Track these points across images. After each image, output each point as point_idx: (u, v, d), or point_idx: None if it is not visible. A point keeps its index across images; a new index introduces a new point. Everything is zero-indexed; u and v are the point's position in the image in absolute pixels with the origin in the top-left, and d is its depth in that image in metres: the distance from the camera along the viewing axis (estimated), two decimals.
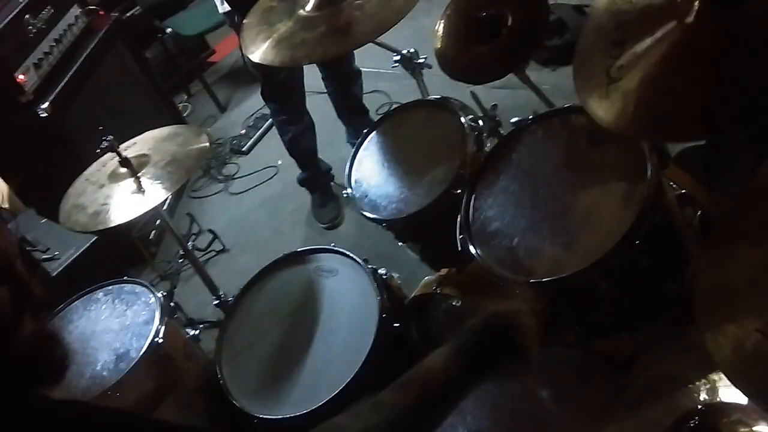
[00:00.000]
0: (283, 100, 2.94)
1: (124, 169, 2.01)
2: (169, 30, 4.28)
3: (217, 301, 2.20)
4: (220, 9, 3.14)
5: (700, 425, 0.96)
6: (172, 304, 2.11)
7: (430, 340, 1.95)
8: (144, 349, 1.86)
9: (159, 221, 3.02)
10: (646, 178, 1.36)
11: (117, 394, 1.77)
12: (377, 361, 1.65)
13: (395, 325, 1.75)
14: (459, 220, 1.59)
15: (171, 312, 2.02)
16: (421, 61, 2.14)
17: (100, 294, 2.10)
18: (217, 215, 3.52)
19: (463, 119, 1.84)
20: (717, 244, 0.96)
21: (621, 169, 1.44)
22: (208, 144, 2.08)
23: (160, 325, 1.91)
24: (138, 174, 1.99)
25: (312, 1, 1.85)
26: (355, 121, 3.15)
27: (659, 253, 1.44)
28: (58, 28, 3.12)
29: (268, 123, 3.91)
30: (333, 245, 1.96)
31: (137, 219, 1.93)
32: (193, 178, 3.66)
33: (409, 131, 2.01)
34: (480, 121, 1.87)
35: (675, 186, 1.54)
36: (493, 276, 1.48)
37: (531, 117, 1.67)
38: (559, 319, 1.61)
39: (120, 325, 1.98)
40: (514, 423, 1.30)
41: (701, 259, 0.95)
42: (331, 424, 1.01)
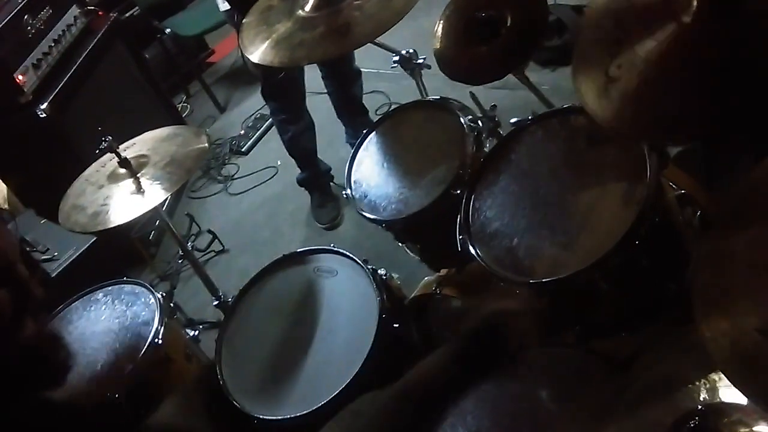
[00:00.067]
0: (283, 99, 2.94)
1: (123, 170, 2.01)
2: (168, 30, 4.28)
3: (216, 302, 2.20)
4: (221, 7, 3.15)
5: (700, 425, 0.95)
6: (172, 305, 2.10)
7: (430, 341, 1.96)
8: (144, 349, 1.85)
9: (158, 222, 3.02)
10: (645, 178, 1.36)
11: (116, 396, 1.77)
12: (377, 361, 1.65)
13: (395, 325, 1.75)
14: (458, 220, 1.59)
15: (171, 312, 2.02)
16: (420, 61, 2.14)
17: (99, 294, 2.10)
18: (217, 216, 3.52)
19: (462, 120, 1.84)
20: (715, 242, 0.96)
21: (621, 169, 1.44)
22: (207, 144, 2.07)
23: (160, 325, 1.90)
24: (137, 174, 1.99)
25: (311, 1, 1.85)
26: (355, 121, 3.15)
27: (659, 253, 1.43)
28: (57, 29, 3.12)
29: (267, 123, 3.92)
30: (332, 246, 1.96)
31: (137, 219, 1.93)
32: (192, 178, 3.67)
33: (408, 132, 2.00)
34: (479, 122, 1.87)
35: (675, 186, 1.54)
36: (492, 276, 1.48)
37: (530, 117, 1.67)
38: (559, 319, 1.62)
39: (120, 325, 1.97)
40: (515, 423, 1.30)
41: (698, 258, 0.95)
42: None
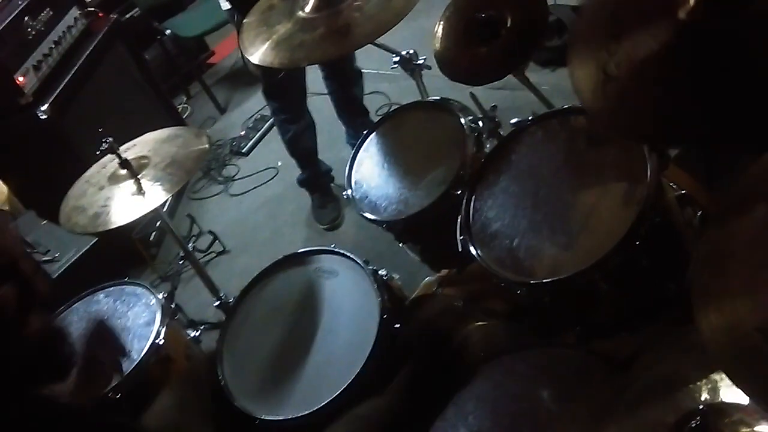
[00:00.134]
0: (284, 99, 2.93)
1: (124, 171, 2.01)
2: (168, 31, 4.28)
3: (217, 303, 2.20)
4: (223, 6, 3.15)
5: (701, 425, 0.95)
6: (173, 306, 2.10)
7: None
8: (145, 350, 1.85)
9: (159, 223, 3.01)
10: (646, 178, 1.36)
11: (117, 396, 1.78)
12: (378, 362, 1.66)
13: (396, 326, 1.75)
14: (459, 221, 1.59)
15: (172, 313, 2.02)
16: (420, 62, 2.14)
17: (101, 295, 2.10)
18: (218, 216, 3.52)
19: (462, 120, 1.84)
20: (714, 241, 0.96)
21: (621, 169, 1.44)
22: (207, 145, 2.08)
23: (161, 326, 1.91)
24: (138, 176, 1.99)
25: (311, 2, 1.85)
26: (356, 121, 3.15)
27: (659, 253, 1.44)
28: (57, 30, 3.12)
29: (267, 124, 3.92)
30: (333, 246, 1.96)
31: (137, 221, 1.93)
32: (193, 179, 3.67)
33: (408, 132, 2.01)
34: (480, 122, 1.87)
35: (675, 186, 1.54)
36: (493, 277, 1.48)
37: (530, 118, 1.67)
38: (559, 320, 1.62)
39: (121, 326, 1.97)
40: (515, 423, 1.30)
41: (697, 258, 0.95)
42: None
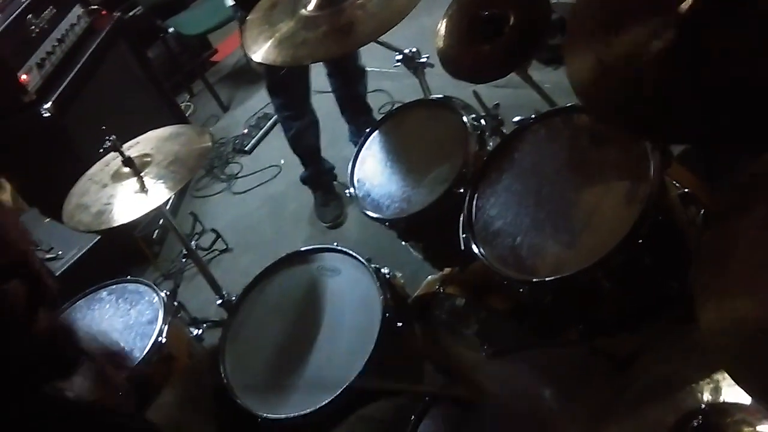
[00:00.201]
0: (288, 95, 2.93)
1: (127, 169, 2.01)
2: (171, 29, 4.28)
3: (220, 301, 2.20)
4: (227, 1, 3.14)
5: (703, 425, 0.95)
6: (176, 304, 2.11)
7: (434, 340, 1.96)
8: (147, 348, 1.86)
9: (162, 221, 3.03)
10: (648, 176, 1.36)
11: (120, 393, 1.78)
12: (380, 360, 1.66)
13: (398, 324, 1.75)
14: (462, 219, 1.59)
15: (174, 311, 2.03)
16: (423, 60, 2.14)
17: (103, 293, 2.11)
18: (220, 214, 3.52)
19: (465, 118, 1.84)
20: (716, 239, 0.96)
21: (623, 167, 1.44)
22: (210, 143, 2.08)
23: (164, 324, 1.91)
24: (141, 173, 1.99)
25: (314, 0, 1.85)
26: (359, 119, 3.14)
27: (662, 251, 1.43)
28: (60, 28, 3.12)
29: (270, 122, 3.92)
30: (336, 244, 1.96)
31: (140, 218, 1.93)
32: (195, 177, 3.67)
33: (411, 130, 2.01)
34: (482, 120, 1.87)
35: (678, 185, 1.54)
36: (495, 275, 1.48)
37: (533, 116, 1.67)
38: (561, 318, 1.62)
39: (124, 324, 1.98)
40: (517, 421, 1.30)
41: (699, 256, 0.95)
42: None
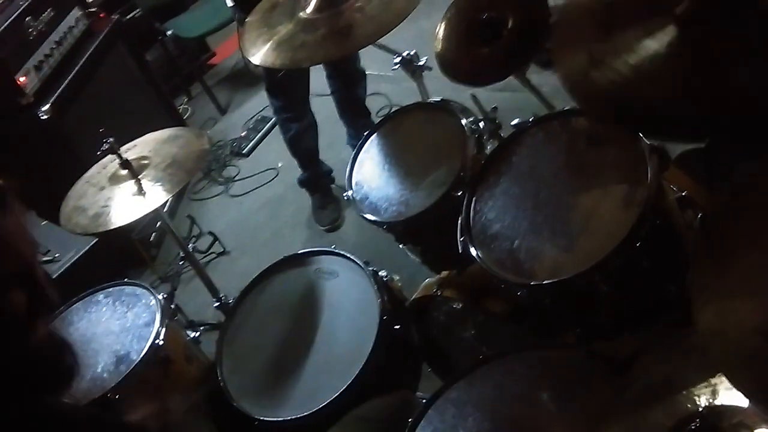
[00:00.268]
0: (287, 97, 2.94)
1: (124, 171, 2.01)
2: (169, 32, 4.28)
3: (217, 303, 2.20)
4: (228, 2, 3.14)
5: (700, 428, 0.95)
6: (173, 306, 2.10)
7: (431, 343, 1.96)
8: (144, 351, 1.85)
9: (159, 223, 3.01)
10: (646, 180, 1.36)
11: (117, 396, 1.77)
12: (378, 363, 1.66)
13: (396, 327, 1.75)
14: (459, 222, 1.59)
15: (171, 314, 2.02)
16: (421, 63, 2.14)
17: (100, 296, 2.10)
18: (218, 217, 3.52)
19: (463, 121, 1.84)
20: (715, 242, 0.96)
21: (621, 171, 1.44)
22: (208, 146, 2.08)
23: (161, 327, 1.91)
24: (138, 176, 1.99)
25: (312, 3, 1.85)
26: (357, 123, 3.15)
27: (659, 255, 1.43)
28: (58, 30, 3.12)
29: (268, 125, 3.92)
30: (333, 247, 1.96)
31: (138, 221, 1.93)
32: (193, 180, 3.67)
33: (409, 133, 2.00)
34: (480, 124, 1.87)
35: (675, 188, 1.54)
36: (493, 278, 1.48)
37: (531, 119, 1.67)
38: (559, 321, 1.62)
39: (120, 327, 1.98)
40: (515, 425, 1.30)
41: (698, 259, 0.95)
42: None
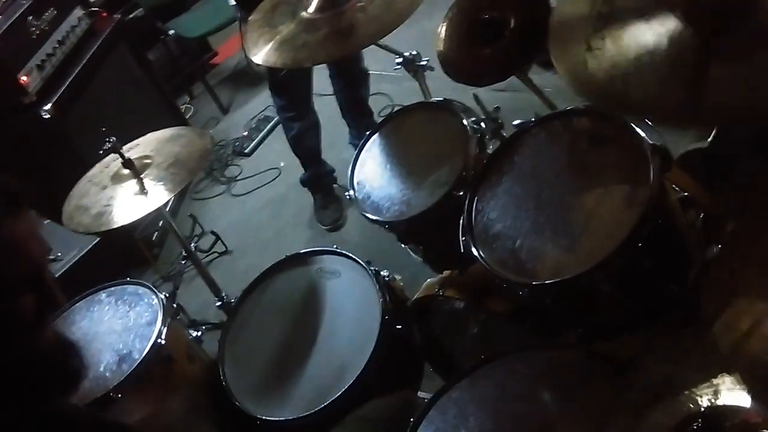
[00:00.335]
0: (289, 96, 2.94)
1: (126, 171, 2.01)
2: (171, 32, 4.29)
3: (219, 303, 2.20)
4: (231, 1, 3.15)
5: (702, 428, 0.95)
6: (175, 306, 2.10)
7: (433, 342, 1.96)
8: (147, 350, 1.85)
9: (162, 223, 3.03)
10: (648, 180, 1.36)
11: (119, 396, 1.78)
12: (380, 363, 1.66)
13: (398, 327, 1.75)
14: (461, 222, 1.59)
15: (174, 313, 2.02)
16: (423, 63, 2.14)
17: (102, 295, 2.10)
18: (220, 217, 3.53)
19: (465, 121, 1.84)
20: (734, 244, 0.96)
21: (623, 171, 1.44)
22: (210, 146, 2.08)
23: (163, 326, 1.91)
24: (141, 175, 1.99)
25: (314, 3, 1.85)
26: (360, 122, 3.15)
27: (661, 255, 1.43)
28: (60, 30, 3.13)
29: (270, 125, 3.93)
30: (335, 247, 1.96)
31: (140, 220, 1.93)
32: (195, 179, 3.68)
33: (411, 133, 2.00)
34: (482, 124, 1.87)
35: (677, 188, 1.54)
36: (495, 278, 1.48)
37: (533, 119, 1.67)
38: (561, 321, 1.62)
39: (123, 326, 1.98)
40: (516, 425, 1.30)
41: (716, 260, 0.95)
42: None
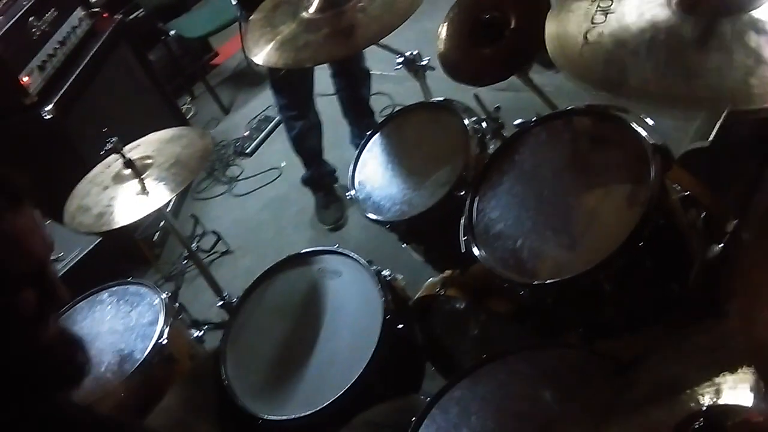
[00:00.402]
0: (291, 95, 2.94)
1: (128, 171, 2.01)
2: (172, 32, 4.29)
3: (221, 303, 2.20)
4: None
5: (704, 427, 0.95)
6: (177, 305, 2.11)
7: (434, 342, 1.96)
8: (148, 350, 1.86)
9: (163, 223, 3.03)
10: (649, 179, 1.36)
11: (121, 395, 1.78)
12: (381, 362, 1.66)
13: (399, 326, 1.75)
14: (462, 221, 1.59)
15: (175, 313, 2.03)
16: (424, 63, 2.14)
17: (104, 295, 2.11)
18: (221, 217, 3.53)
19: (466, 121, 1.84)
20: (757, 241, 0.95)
21: (624, 170, 1.44)
22: (211, 146, 2.08)
23: (165, 326, 1.91)
24: (142, 175, 1.99)
25: (315, 3, 1.85)
26: (361, 122, 3.15)
27: (663, 254, 1.43)
28: (62, 30, 3.13)
29: (271, 125, 3.93)
30: (337, 247, 1.97)
31: (141, 220, 1.94)
32: (196, 179, 3.68)
33: (412, 133, 2.01)
34: (483, 123, 1.87)
35: (679, 188, 1.54)
36: (496, 278, 1.48)
37: (534, 119, 1.67)
38: (562, 320, 1.62)
39: (124, 326, 1.98)
40: (518, 424, 1.30)
41: (737, 260, 0.94)
42: None
